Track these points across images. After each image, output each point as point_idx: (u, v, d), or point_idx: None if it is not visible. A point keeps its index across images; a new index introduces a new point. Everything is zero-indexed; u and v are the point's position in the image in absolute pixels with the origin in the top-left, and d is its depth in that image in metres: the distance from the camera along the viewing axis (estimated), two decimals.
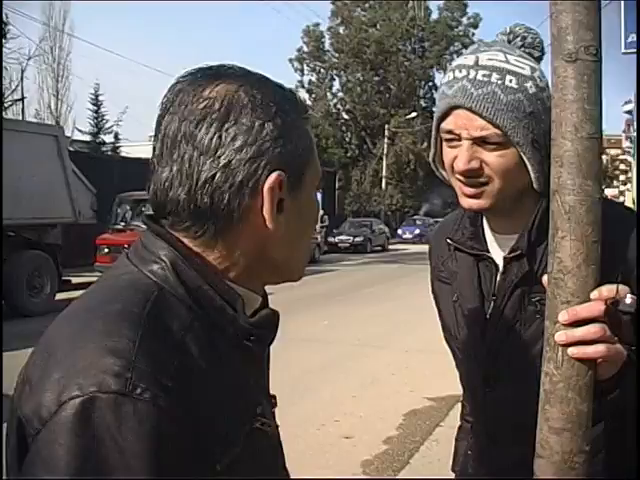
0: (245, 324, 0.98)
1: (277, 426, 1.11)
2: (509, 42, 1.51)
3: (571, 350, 1.09)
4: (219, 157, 0.93)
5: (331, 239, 30.84)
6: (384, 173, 46.63)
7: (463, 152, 1.42)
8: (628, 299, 1.10)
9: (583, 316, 1.09)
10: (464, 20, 53.06)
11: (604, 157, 77.63)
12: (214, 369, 0.93)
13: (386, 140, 46.97)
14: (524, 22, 1.53)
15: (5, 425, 0.90)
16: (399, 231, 40.90)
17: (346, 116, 52.49)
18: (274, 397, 1.15)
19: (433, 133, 1.54)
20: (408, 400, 7.08)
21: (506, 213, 1.51)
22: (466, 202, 1.48)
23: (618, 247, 1.34)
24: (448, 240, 1.64)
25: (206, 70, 1.00)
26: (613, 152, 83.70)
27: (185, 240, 0.98)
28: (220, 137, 0.93)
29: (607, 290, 1.10)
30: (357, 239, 31.80)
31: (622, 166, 78.18)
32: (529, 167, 1.42)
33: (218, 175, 0.93)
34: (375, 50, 49.05)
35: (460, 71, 1.45)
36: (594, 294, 1.09)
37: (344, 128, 52.48)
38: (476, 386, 1.60)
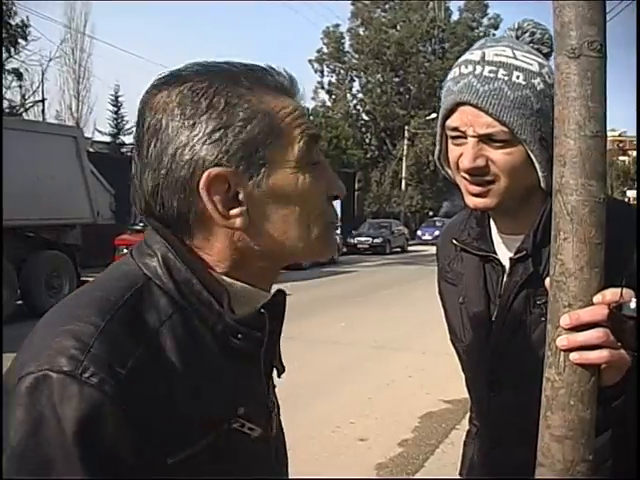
0: (230, 320, 0.97)
1: (273, 431, 1.08)
2: (517, 38, 1.48)
3: (573, 355, 1.05)
4: (159, 166, 0.95)
5: (350, 240, 30.81)
6: (404, 174, 46.46)
7: (469, 150, 1.40)
8: (633, 303, 1.06)
9: (585, 320, 1.04)
10: (485, 21, 52.77)
11: (627, 158, 77.05)
12: (191, 363, 0.92)
13: (406, 141, 46.79)
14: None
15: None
16: (418, 232, 40.64)
17: (366, 117, 52.41)
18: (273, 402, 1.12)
19: (438, 130, 1.51)
20: (424, 402, 7.06)
21: (513, 213, 1.48)
22: (472, 201, 1.45)
23: (625, 246, 1.30)
24: (454, 241, 1.61)
25: (161, 78, 1.00)
26: (636, 154, 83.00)
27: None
28: (156, 147, 0.96)
29: (611, 294, 1.05)
30: (376, 240, 31.68)
31: None
32: (536, 165, 1.39)
33: (161, 184, 0.95)
34: (395, 51, 48.87)
35: (466, 67, 1.42)
36: (597, 298, 1.05)
37: (364, 129, 52.41)
38: (481, 390, 1.57)
